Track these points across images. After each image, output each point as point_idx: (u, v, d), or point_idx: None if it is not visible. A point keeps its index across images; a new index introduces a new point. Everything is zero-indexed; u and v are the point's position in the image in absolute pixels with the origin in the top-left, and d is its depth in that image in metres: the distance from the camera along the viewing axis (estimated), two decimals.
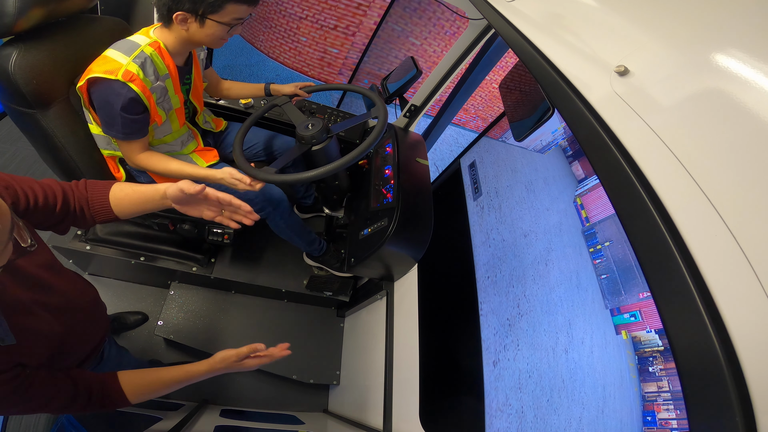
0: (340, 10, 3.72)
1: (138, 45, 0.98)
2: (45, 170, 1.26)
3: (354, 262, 1.32)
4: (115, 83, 0.94)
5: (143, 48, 0.98)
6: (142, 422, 1.15)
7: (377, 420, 1.22)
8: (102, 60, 0.96)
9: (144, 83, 0.97)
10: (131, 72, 0.94)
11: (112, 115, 0.98)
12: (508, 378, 1.78)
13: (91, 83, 0.96)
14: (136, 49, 0.97)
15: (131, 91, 0.95)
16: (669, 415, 1.72)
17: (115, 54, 0.97)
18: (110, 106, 0.97)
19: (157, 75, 1.01)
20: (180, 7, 0.95)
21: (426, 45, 4.09)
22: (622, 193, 0.43)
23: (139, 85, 0.96)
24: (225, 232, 1.43)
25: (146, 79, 0.98)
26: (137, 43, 0.99)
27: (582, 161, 2.55)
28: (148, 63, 0.98)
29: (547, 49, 0.62)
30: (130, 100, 0.96)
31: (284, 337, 1.70)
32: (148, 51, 0.98)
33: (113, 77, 0.93)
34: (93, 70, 0.95)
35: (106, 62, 0.95)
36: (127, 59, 0.95)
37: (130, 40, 1.00)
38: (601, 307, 1.98)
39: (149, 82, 0.99)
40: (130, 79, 0.94)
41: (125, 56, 0.96)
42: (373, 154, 1.60)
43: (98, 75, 0.94)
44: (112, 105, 0.96)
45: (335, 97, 3.87)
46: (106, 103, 0.97)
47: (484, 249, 2.11)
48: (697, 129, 0.41)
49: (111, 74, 0.93)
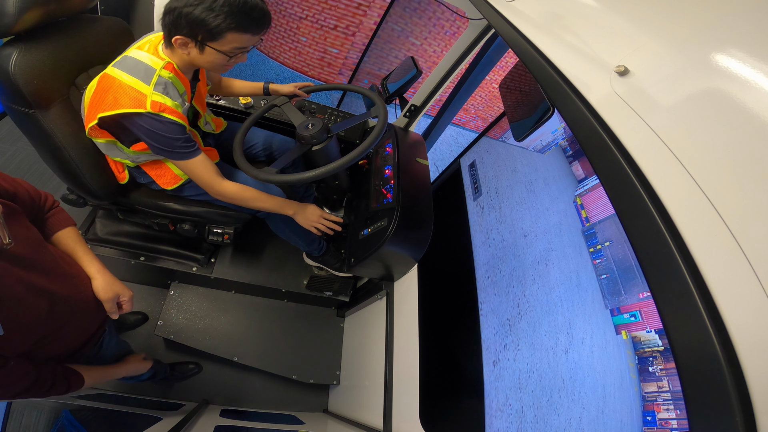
0: (340, 10, 3.72)
1: (154, 70, 0.96)
2: (45, 170, 1.26)
3: (354, 262, 1.32)
4: (146, 116, 0.94)
5: (160, 73, 0.96)
6: (142, 422, 1.15)
7: (377, 420, 1.22)
8: (121, 90, 0.94)
9: (174, 108, 0.97)
10: (158, 102, 0.94)
11: (163, 142, 1.00)
12: (508, 378, 1.78)
13: (123, 117, 0.96)
14: (152, 74, 0.95)
15: (166, 119, 0.96)
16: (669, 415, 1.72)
17: (132, 81, 0.94)
18: (156, 135, 0.98)
19: (183, 98, 1.02)
20: (179, 32, 0.93)
21: (426, 45, 4.09)
22: (622, 193, 0.43)
23: (170, 112, 0.96)
24: (225, 232, 1.43)
25: (175, 103, 0.98)
26: (152, 67, 0.96)
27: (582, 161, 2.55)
28: (170, 87, 0.98)
29: (547, 49, 0.62)
30: (171, 125, 0.98)
31: (284, 337, 1.71)
32: (166, 75, 0.97)
33: (143, 110, 0.93)
34: (120, 103, 0.93)
35: (126, 93, 0.94)
36: (149, 88, 0.94)
37: (142, 62, 0.97)
38: (601, 307, 1.98)
39: (179, 105, 0.99)
40: (160, 109, 0.94)
41: (144, 84, 0.94)
42: (373, 154, 1.60)
43: (127, 111, 0.93)
44: (158, 133, 0.98)
45: (335, 97, 3.87)
46: (152, 133, 0.98)
47: (484, 249, 2.11)
48: (697, 129, 0.41)
49: (140, 107, 0.93)
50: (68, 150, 1.06)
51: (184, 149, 1.05)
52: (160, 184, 1.24)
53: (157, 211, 1.34)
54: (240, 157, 1.15)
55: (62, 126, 1.03)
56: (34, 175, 2.05)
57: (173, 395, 1.61)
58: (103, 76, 0.98)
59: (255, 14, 0.92)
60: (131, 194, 1.29)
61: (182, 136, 1.02)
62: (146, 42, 1.03)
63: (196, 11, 0.88)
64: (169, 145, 1.01)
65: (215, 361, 1.67)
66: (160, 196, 1.31)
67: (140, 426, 1.11)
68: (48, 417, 1.51)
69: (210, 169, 1.12)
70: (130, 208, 1.35)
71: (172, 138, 1.00)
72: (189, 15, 0.89)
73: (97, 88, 0.99)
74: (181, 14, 0.90)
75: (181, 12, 0.89)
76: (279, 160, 1.17)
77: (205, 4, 0.88)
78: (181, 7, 0.89)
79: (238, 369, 1.67)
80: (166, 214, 1.36)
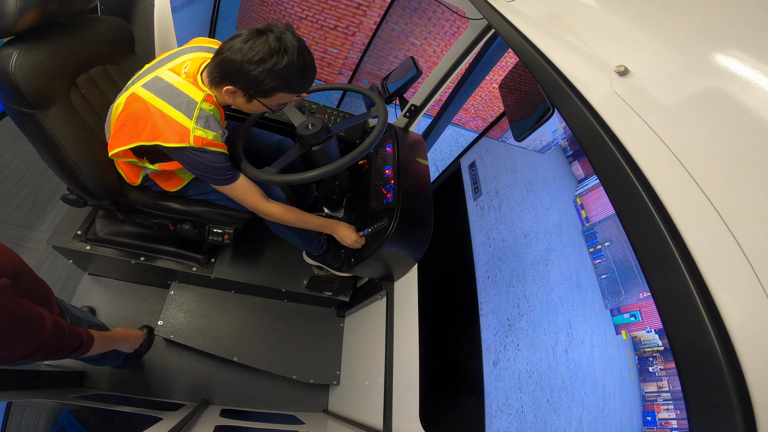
0: (340, 10, 3.72)
1: (195, 103, 0.96)
2: (45, 170, 1.26)
3: (354, 262, 1.32)
4: (189, 149, 0.96)
5: (201, 106, 0.96)
6: (142, 422, 1.15)
7: (377, 420, 1.22)
8: (162, 120, 0.94)
9: (215, 140, 0.98)
10: (200, 137, 0.95)
11: (205, 170, 1.02)
12: (508, 378, 1.78)
13: (168, 149, 0.98)
14: (194, 107, 0.95)
15: (209, 151, 0.98)
16: (669, 415, 1.72)
17: (173, 113, 0.94)
18: (200, 164, 1.00)
19: (223, 130, 1.03)
20: (232, 83, 0.94)
21: (426, 45, 4.09)
22: (622, 193, 0.43)
23: (212, 144, 0.97)
24: (225, 232, 1.43)
25: (216, 135, 0.98)
26: (194, 100, 0.96)
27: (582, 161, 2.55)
28: (211, 120, 0.98)
29: (547, 49, 0.62)
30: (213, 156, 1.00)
31: (284, 337, 1.71)
32: (207, 108, 0.97)
33: (186, 144, 0.94)
34: (163, 136, 0.94)
35: (169, 125, 0.94)
36: (191, 122, 0.94)
37: (184, 94, 0.96)
38: (601, 307, 1.98)
39: (219, 136, 1.00)
40: (203, 144, 0.95)
41: (187, 118, 0.94)
42: (373, 154, 1.60)
43: (172, 145, 0.94)
44: (201, 163, 1.00)
45: (335, 97, 3.87)
46: (195, 163, 1.00)
47: (484, 249, 2.12)
48: (697, 129, 0.41)
49: (183, 142, 0.94)
50: (68, 150, 1.06)
51: (226, 175, 1.06)
52: (164, 187, 1.25)
53: (157, 211, 1.34)
54: (240, 156, 1.15)
55: (62, 126, 1.03)
56: (34, 175, 2.05)
57: (173, 395, 1.61)
58: (133, 98, 0.98)
59: (309, 77, 0.97)
60: (131, 194, 1.29)
61: (224, 164, 1.04)
62: (181, 65, 1.02)
63: (256, 71, 0.90)
64: (211, 173, 1.04)
65: (215, 361, 1.67)
66: (161, 197, 1.32)
67: (140, 426, 1.11)
68: (48, 417, 1.51)
69: (254, 191, 1.14)
70: (130, 208, 1.35)
71: (214, 167, 1.02)
72: (249, 73, 0.91)
73: (128, 111, 0.99)
74: (240, 70, 0.91)
75: (240, 68, 0.91)
76: (279, 160, 1.17)
77: (266, 65, 0.89)
78: (242, 62, 0.90)
79: (238, 369, 1.67)
80: (167, 214, 1.36)
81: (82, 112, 1.08)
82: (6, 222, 1.90)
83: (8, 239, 1.86)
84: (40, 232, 1.90)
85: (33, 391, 1.23)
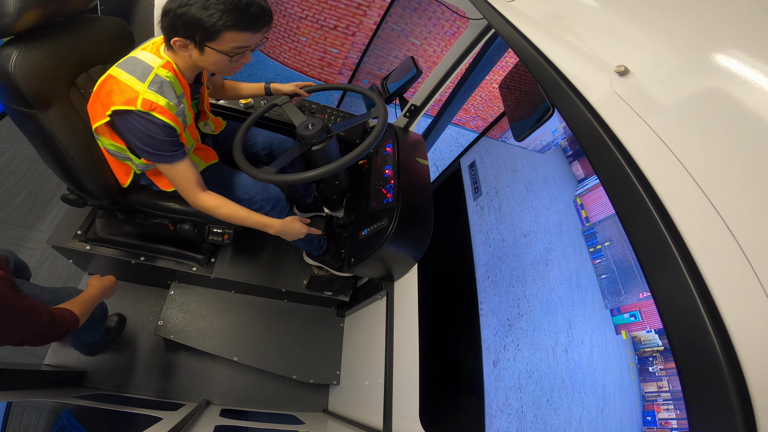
0: (340, 10, 3.72)
1: (151, 68, 0.94)
2: (45, 170, 1.26)
3: (354, 262, 1.32)
4: (135, 114, 0.92)
5: (157, 71, 0.94)
6: (142, 422, 1.15)
7: (377, 420, 1.22)
8: (117, 87, 0.93)
9: (166, 108, 0.94)
10: (149, 101, 0.92)
11: (149, 143, 0.97)
12: (508, 378, 1.78)
13: (115, 115, 0.94)
14: (149, 72, 0.93)
15: (156, 119, 0.93)
16: (669, 415, 1.72)
17: (129, 78, 0.93)
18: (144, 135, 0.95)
19: (179, 99, 0.99)
20: (176, 33, 0.90)
21: (426, 45, 4.09)
22: (622, 193, 0.43)
23: (161, 111, 0.93)
24: (225, 232, 1.43)
25: (169, 103, 0.95)
26: (149, 65, 0.94)
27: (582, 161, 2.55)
28: (166, 86, 0.95)
29: (547, 49, 0.62)
30: (160, 126, 0.95)
31: (284, 337, 1.71)
32: (163, 74, 0.95)
33: (133, 108, 0.91)
34: (114, 102, 0.92)
35: (122, 90, 0.92)
36: (143, 86, 0.92)
37: (142, 61, 0.95)
38: (601, 307, 1.98)
39: (174, 106, 0.96)
40: (150, 108, 0.92)
41: (140, 82, 0.92)
42: (373, 154, 1.60)
43: (119, 108, 0.92)
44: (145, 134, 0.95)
45: (335, 97, 3.87)
46: (140, 133, 0.95)
47: (484, 249, 2.11)
48: (698, 129, 0.41)
49: (130, 104, 0.91)
50: (68, 150, 1.06)
51: (170, 152, 1.01)
52: (161, 186, 1.25)
53: (157, 212, 1.34)
54: (240, 156, 1.15)
55: (62, 126, 1.03)
56: (34, 175, 2.05)
57: (173, 395, 1.61)
58: (105, 77, 0.97)
59: (252, 11, 0.89)
60: (131, 195, 1.29)
61: (170, 138, 0.99)
62: (151, 43, 1.02)
63: (191, 11, 0.86)
64: (155, 147, 0.98)
65: (215, 360, 1.67)
66: (160, 197, 1.31)
67: (140, 426, 1.11)
68: (48, 417, 1.51)
69: (192, 177, 1.07)
70: (130, 208, 1.35)
71: (158, 139, 0.96)
72: (184, 15, 0.87)
73: (97, 89, 0.98)
74: (177, 15, 0.88)
75: (176, 13, 0.88)
76: (278, 160, 1.17)
77: (199, 3, 0.86)
78: (176, 7, 0.87)
79: (238, 369, 1.67)
80: (166, 214, 1.36)
81: (82, 111, 1.08)
82: (6, 222, 1.90)
83: (8, 239, 1.86)
84: (40, 232, 1.90)
85: (33, 391, 1.23)
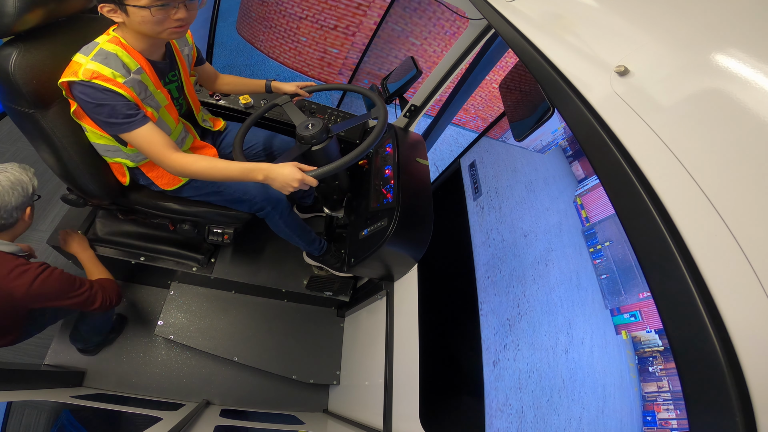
0: (340, 10, 3.72)
1: (96, 44, 0.96)
2: (45, 170, 1.26)
3: (354, 262, 1.32)
4: (78, 84, 0.92)
5: (102, 45, 0.95)
6: (142, 422, 1.15)
7: (377, 420, 1.22)
8: (69, 66, 0.95)
9: (110, 77, 0.94)
10: (90, 70, 0.92)
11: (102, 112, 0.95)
12: (508, 378, 1.78)
13: (68, 91, 0.95)
14: (93, 47, 0.95)
15: (98, 85, 0.93)
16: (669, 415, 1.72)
17: (77, 57, 0.95)
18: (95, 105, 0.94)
19: (127, 69, 0.98)
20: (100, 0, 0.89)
21: (426, 45, 4.09)
22: (622, 193, 0.43)
23: (105, 79, 0.93)
24: (225, 232, 1.43)
25: (114, 72, 0.95)
26: (95, 42, 0.96)
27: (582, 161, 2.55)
28: (112, 59, 0.95)
29: (547, 49, 0.62)
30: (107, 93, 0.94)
31: (284, 337, 1.71)
32: (109, 48, 0.95)
33: (75, 78, 0.91)
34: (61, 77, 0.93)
35: (70, 67, 0.94)
36: (86, 58, 0.93)
37: (93, 42, 0.97)
38: (601, 307, 1.98)
39: (120, 76, 0.96)
40: (92, 76, 0.92)
41: (84, 55, 0.94)
42: (373, 154, 1.60)
43: (65, 79, 0.92)
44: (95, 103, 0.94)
45: (335, 97, 3.87)
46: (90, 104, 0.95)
47: (484, 249, 2.11)
48: (697, 129, 0.41)
49: (74, 75, 0.92)
50: (68, 150, 1.06)
51: (127, 119, 0.97)
52: (160, 185, 1.24)
53: (157, 212, 1.34)
54: (240, 156, 1.15)
55: (62, 126, 1.03)
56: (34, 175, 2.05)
57: (173, 395, 1.61)
58: None
59: None
60: (131, 194, 1.29)
61: (121, 103, 0.96)
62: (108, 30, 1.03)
63: None
64: (108, 115, 0.95)
65: (215, 361, 1.67)
66: (160, 197, 1.31)
67: (140, 426, 1.11)
68: (48, 417, 1.51)
69: (159, 140, 1.02)
70: (130, 208, 1.35)
71: (108, 105, 0.94)
72: None
73: None
74: None
75: None
76: (278, 160, 1.17)
77: None
78: None
79: (238, 369, 1.67)
80: (166, 214, 1.36)
81: None
82: None
83: None
84: (40, 232, 1.90)
85: (33, 390, 1.23)
